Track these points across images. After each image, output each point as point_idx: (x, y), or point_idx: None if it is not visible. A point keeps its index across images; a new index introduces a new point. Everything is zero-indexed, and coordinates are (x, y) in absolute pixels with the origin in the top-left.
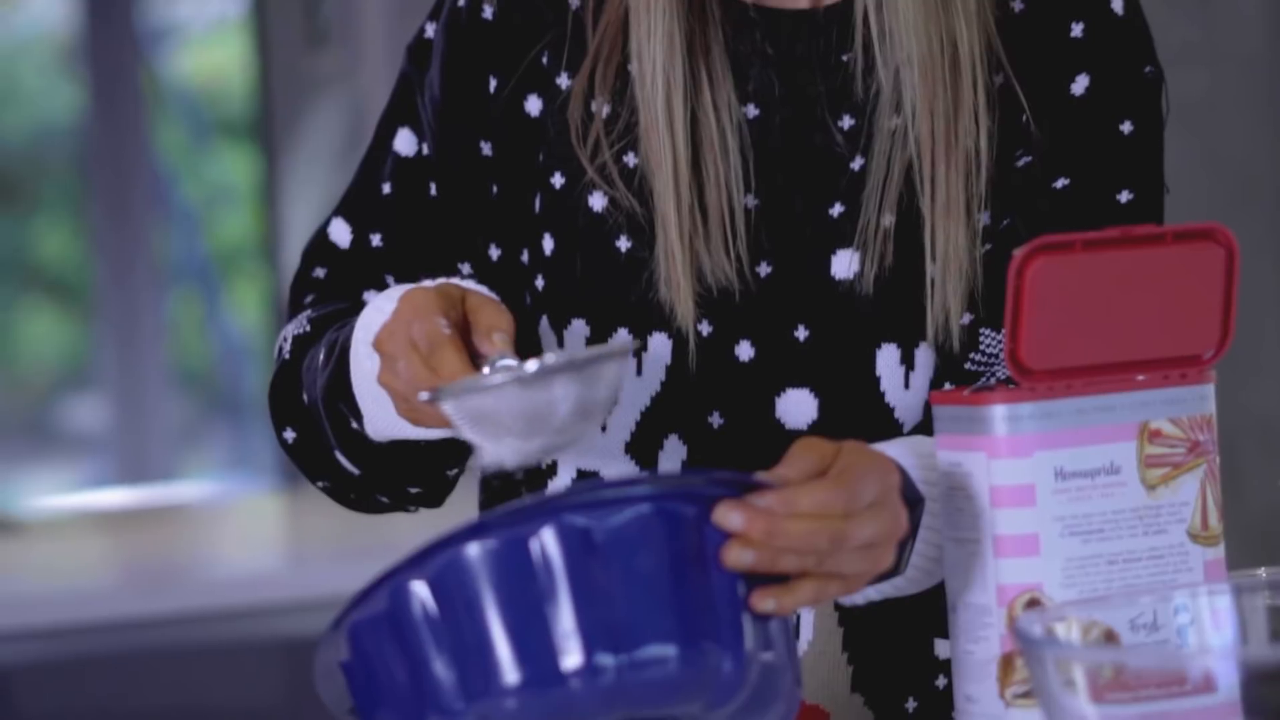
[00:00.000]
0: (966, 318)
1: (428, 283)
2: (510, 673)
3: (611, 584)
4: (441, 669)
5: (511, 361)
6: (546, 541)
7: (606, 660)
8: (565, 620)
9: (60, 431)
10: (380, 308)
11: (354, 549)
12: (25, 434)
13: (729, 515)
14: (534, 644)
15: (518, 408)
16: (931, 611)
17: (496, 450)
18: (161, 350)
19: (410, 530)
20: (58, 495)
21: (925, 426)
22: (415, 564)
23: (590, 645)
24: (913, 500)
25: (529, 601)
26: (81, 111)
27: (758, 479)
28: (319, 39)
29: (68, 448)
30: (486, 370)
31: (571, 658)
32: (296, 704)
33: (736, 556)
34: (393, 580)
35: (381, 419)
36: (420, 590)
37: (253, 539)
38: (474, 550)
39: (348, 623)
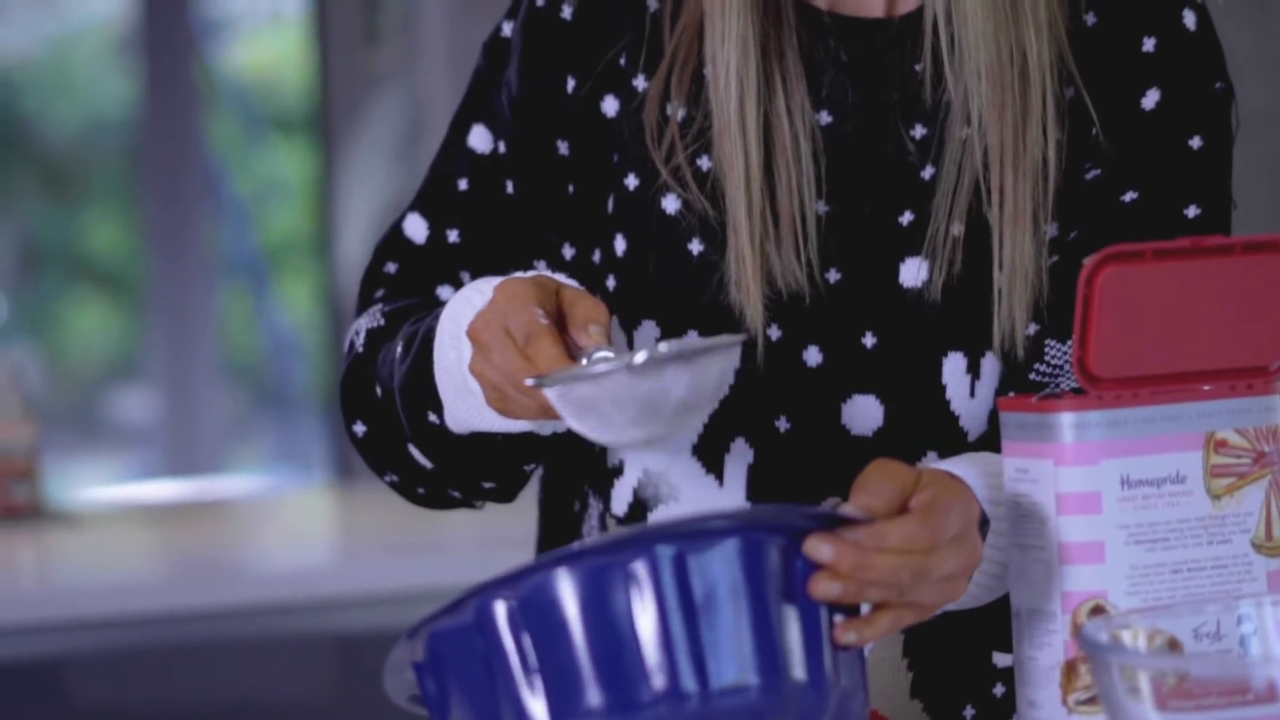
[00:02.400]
0: (1032, 328)
1: (521, 273)
2: (594, 696)
3: (698, 613)
4: (525, 689)
5: (608, 354)
6: (637, 570)
7: (690, 687)
8: (651, 647)
9: (109, 423)
10: (468, 299)
11: (402, 545)
12: (74, 425)
13: (820, 547)
14: (619, 669)
15: (625, 396)
16: (992, 624)
17: (599, 438)
18: (211, 343)
19: (459, 527)
20: (105, 486)
21: (990, 435)
22: (506, 583)
23: (675, 673)
24: (980, 523)
25: (616, 627)
26: (134, 103)
27: (846, 513)
28: (377, 34)
29: (116, 439)
30: (584, 362)
31: (656, 684)
32: (345, 699)
33: (825, 588)
34: (482, 596)
35: (463, 410)
36: (509, 609)
37: (301, 534)
38: (565, 575)
39: (429, 629)
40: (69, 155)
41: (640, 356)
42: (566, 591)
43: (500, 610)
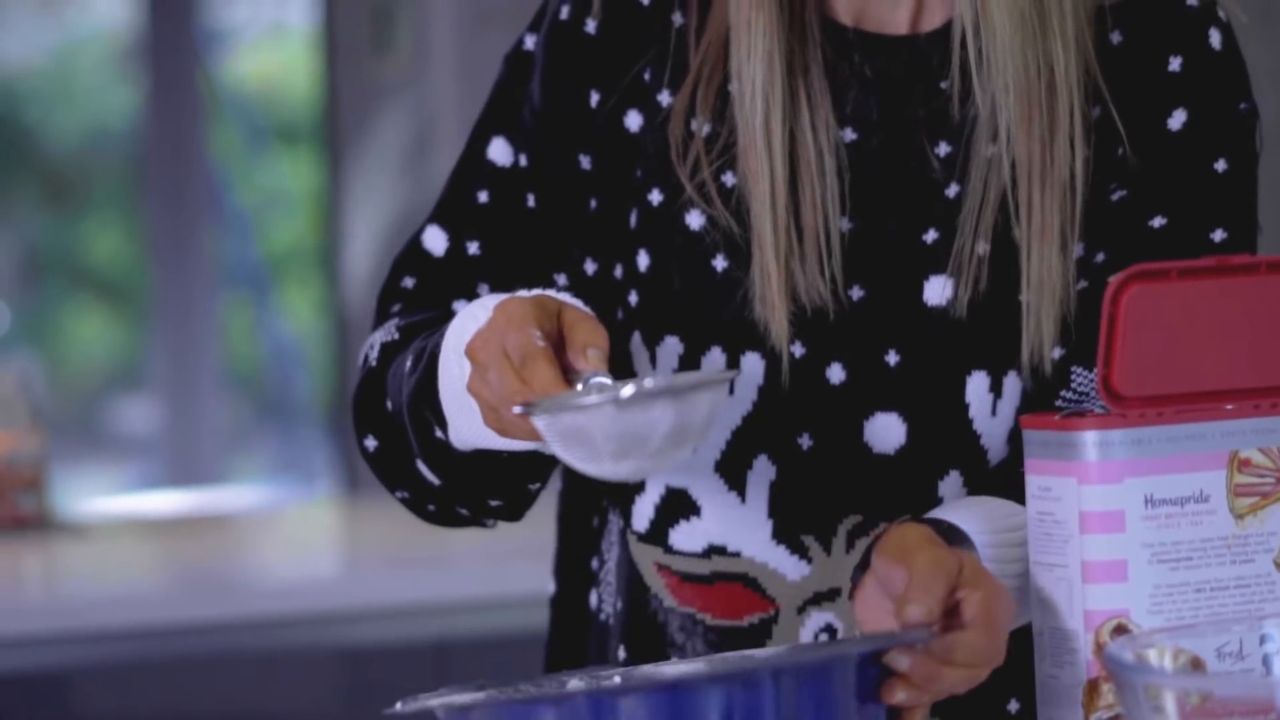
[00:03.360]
0: (1057, 352)
1: (524, 292)
2: None
3: None
4: None
5: (605, 380)
6: (732, 699)
7: None
8: None
9: (110, 433)
10: (474, 315)
11: (408, 558)
12: (75, 435)
13: (899, 659)
14: None
15: (611, 429)
16: (1008, 670)
17: (584, 468)
18: (213, 353)
19: (465, 540)
20: (107, 496)
21: (1011, 456)
22: (584, 698)
23: None
24: None
25: None
26: (137, 113)
27: (914, 618)
28: (386, 46)
29: (117, 449)
30: (579, 387)
31: None
32: (351, 712)
33: (899, 696)
34: (560, 703)
35: (467, 427)
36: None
37: (308, 546)
38: (631, 703)
39: (489, 706)
40: (71, 164)
41: (628, 390)
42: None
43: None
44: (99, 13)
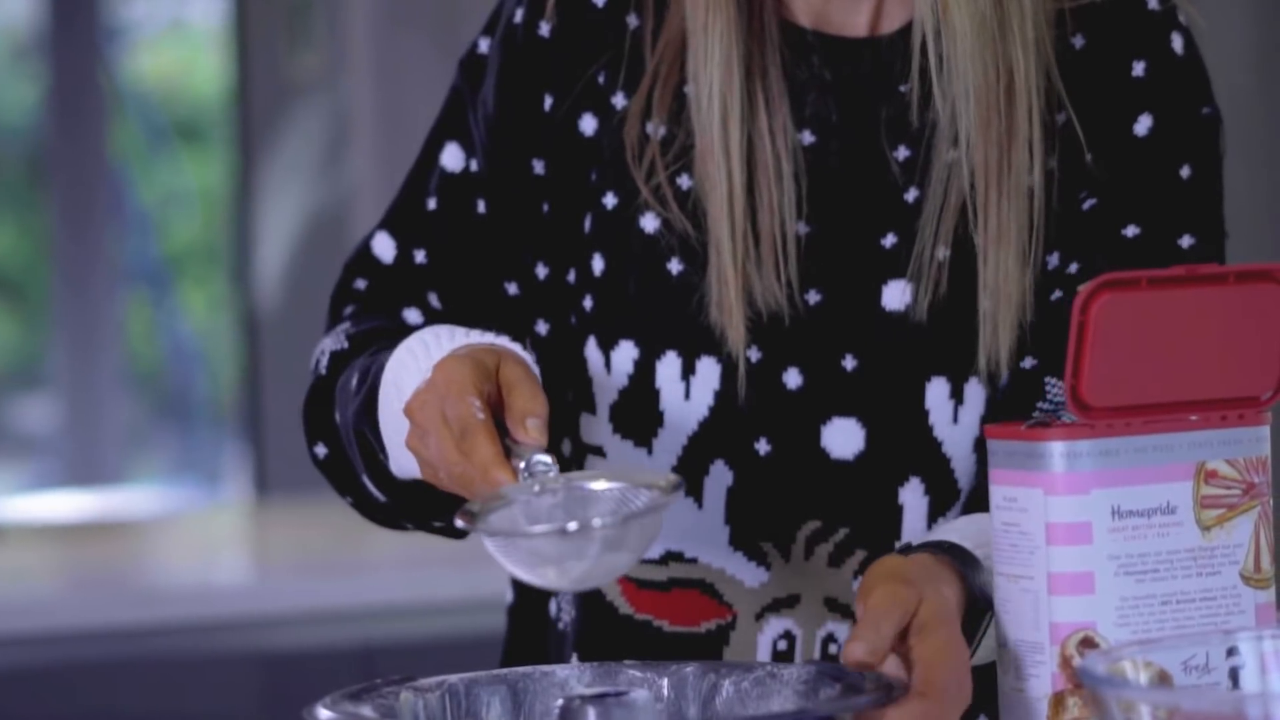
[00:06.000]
0: (1029, 361)
1: (465, 341)
2: None
3: None
4: None
5: (545, 459)
6: None
7: None
8: None
9: (8, 432)
10: (412, 352)
11: (317, 563)
12: None
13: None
14: None
15: (551, 552)
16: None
17: (523, 576)
18: (113, 352)
19: (379, 546)
20: (5, 496)
21: (978, 461)
22: None
23: None
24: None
25: None
26: (37, 109)
27: (889, 681)
28: (300, 44)
29: (15, 448)
30: (521, 465)
31: None
32: (269, 718)
33: None
34: None
35: (406, 462)
36: None
37: (215, 549)
38: None
39: None
40: None
41: (572, 525)
42: None
43: None
44: None
